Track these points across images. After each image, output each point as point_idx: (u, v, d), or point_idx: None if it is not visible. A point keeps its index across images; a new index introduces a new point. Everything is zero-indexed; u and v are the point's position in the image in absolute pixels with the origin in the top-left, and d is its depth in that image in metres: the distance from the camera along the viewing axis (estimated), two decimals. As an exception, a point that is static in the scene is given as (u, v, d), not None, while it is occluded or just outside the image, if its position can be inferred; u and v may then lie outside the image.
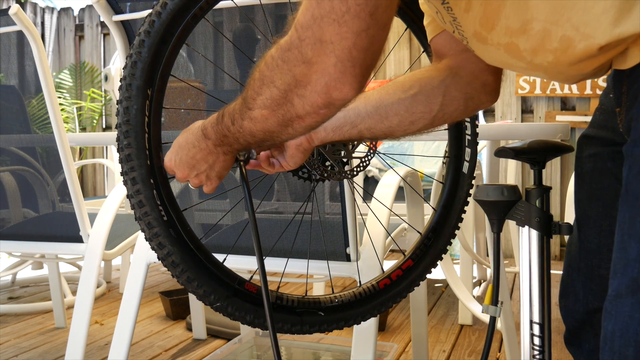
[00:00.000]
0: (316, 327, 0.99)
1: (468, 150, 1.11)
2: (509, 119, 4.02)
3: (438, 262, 1.11)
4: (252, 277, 1.00)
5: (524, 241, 0.91)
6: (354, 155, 1.02)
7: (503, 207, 0.92)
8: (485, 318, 2.12)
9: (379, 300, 1.05)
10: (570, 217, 2.03)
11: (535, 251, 0.90)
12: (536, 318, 0.91)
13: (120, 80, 0.88)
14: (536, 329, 0.91)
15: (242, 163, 0.89)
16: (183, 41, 0.91)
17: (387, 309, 1.06)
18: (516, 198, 0.91)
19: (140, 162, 0.87)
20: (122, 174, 0.89)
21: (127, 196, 0.89)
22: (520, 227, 0.91)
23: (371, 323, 1.28)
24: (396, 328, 2.42)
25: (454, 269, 2.31)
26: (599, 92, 3.79)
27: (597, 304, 0.93)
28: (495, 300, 0.95)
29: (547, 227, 0.90)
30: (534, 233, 0.90)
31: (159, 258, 0.90)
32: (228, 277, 0.93)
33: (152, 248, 0.89)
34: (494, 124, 1.72)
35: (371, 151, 1.03)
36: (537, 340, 0.91)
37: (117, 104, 0.89)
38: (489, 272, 3.02)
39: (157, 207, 0.87)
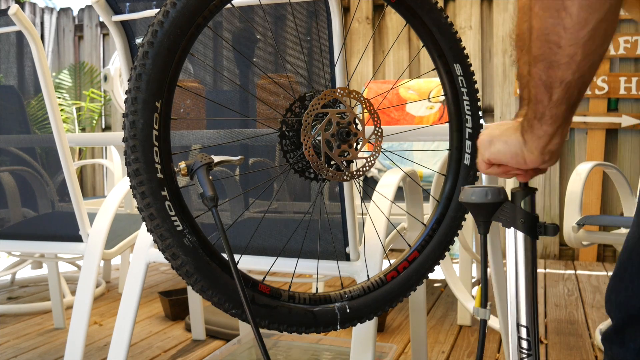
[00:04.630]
0: (330, 327, 1.00)
1: (469, 143, 1.11)
2: (508, 119, 4.01)
3: (445, 253, 1.11)
4: (264, 278, 1.00)
5: (510, 243, 0.91)
6: (359, 155, 1.02)
7: (489, 208, 0.92)
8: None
9: (388, 293, 1.05)
10: (569, 217, 2.04)
11: (521, 253, 0.90)
12: (523, 321, 0.90)
13: (126, 93, 0.88)
14: (523, 332, 0.90)
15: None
16: (188, 50, 0.90)
17: (399, 303, 1.06)
18: (501, 200, 0.91)
19: (149, 175, 0.86)
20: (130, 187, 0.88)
21: (138, 209, 0.89)
22: (506, 229, 0.91)
23: (370, 324, 1.28)
24: (395, 329, 2.42)
25: (453, 268, 2.32)
26: (597, 92, 3.80)
27: None
28: (484, 303, 0.95)
29: (532, 228, 0.90)
30: (520, 235, 0.90)
31: (173, 267, 0.90)
32: (243, 281, 0.93)
33: (166, 258, 0.89)
34: (493, 124, 1.72)
35: (376, 150, 1.04)
36: (524, 343, 0.90)
37: (123, 116, 0.88)
38: (488, 271, 3.02)
39: (170, 219, 0.87)
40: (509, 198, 0.91)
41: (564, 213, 2.09)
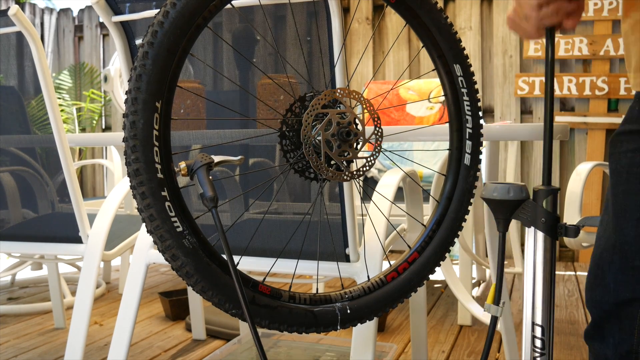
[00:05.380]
0: (330, 327, 1.00)
1: (469, 143, 1.11)
2: (508, 120, 4.02)
3: (446, 255, 1.11)
4: (264, 279, 1.00)
5: (530, 242, 0.90)
6: (359, 155, 1.02)
7: (510, 206, 0.91)
8: (485, 319, 2.13)
9: (388, 294, 1.05)
10: (570, 217, 2.03)
11: (540, 252, 0.90)
12: (538, 320, 0.90)
13: (126, 94, 0.88)
14: (538, 331, 0.90)
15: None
16: (188, 50, 0.90)
17: (400, 303, 1.06)
18: (523, 198, 0.90)
19: (149, 176, 0.86)
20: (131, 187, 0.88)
21: (137, 210, 0.89)
22: (527, 228, 0.91)
23: (370, 324, 1.28)
24: (395, 329, 2.42)
25: (453, 269, 2.32)
26: (597, 93, 3.80)
27: (629, 294, 0.95)
28: (497, 300, 0.95)
29: (553, 228, 0.89)
30: (540, 234, 0.89)
31: (173, 269, 0.90)
32: (243, 281, 0.93)
33: (166, 259, 0.89)
34: (493, 124, 1.72)
35: (376, 150, 1.03)
36: (538, 342, 0.90)
37: (123, 117, 0.88)
38: (488, 272, 3.02)
39: (170, 220, 0.87)
40: (531, 197, 0.91)
41: (564, 214, 2.09)
